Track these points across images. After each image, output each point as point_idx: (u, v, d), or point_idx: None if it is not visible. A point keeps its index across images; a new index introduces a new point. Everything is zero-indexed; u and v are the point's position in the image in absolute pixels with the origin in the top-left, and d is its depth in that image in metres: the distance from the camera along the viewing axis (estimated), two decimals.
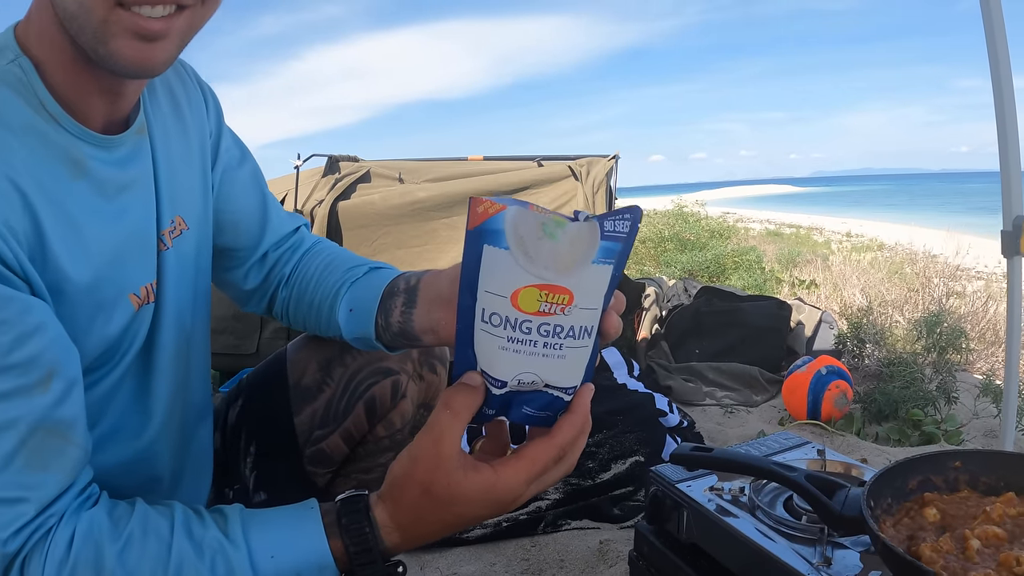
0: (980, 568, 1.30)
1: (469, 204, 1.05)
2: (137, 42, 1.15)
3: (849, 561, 1.56)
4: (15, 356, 1.07)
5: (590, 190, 5.06)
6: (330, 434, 1.76)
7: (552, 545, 2.80)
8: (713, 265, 9.90)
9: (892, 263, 12.19)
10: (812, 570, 1.55)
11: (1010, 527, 1.44)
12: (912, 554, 1.36)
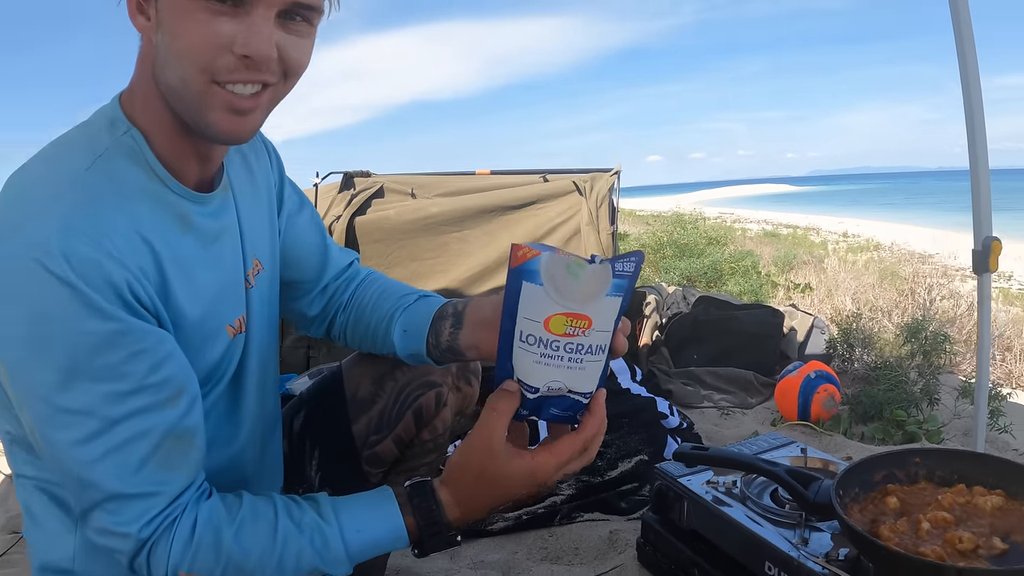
0: (928, 544, 1.61)
1: (511, 248, 1.34)
2: (230, 115, 1.36)
3: (823, 541, 1.87)
4: (152, 378, 1.32)
5: (594, 205, 5.24)
6: (383, 439, 2.00)
7: (567, 535, 3.05)
8: (711, 271, 10.03)
9: (884, 266, 12.33)
10: (792, 548, 1.85)
11: (958, 513, 1.74)
12: (873, 534, 1.67)
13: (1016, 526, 1.69)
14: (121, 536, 1.34)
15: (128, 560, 1.37)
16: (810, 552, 1.83)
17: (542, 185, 5.59)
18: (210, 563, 1.38)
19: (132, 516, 1.33)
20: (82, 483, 1.31)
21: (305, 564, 1.43)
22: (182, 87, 1.33)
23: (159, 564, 1.36)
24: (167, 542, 1.35)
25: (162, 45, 1.32)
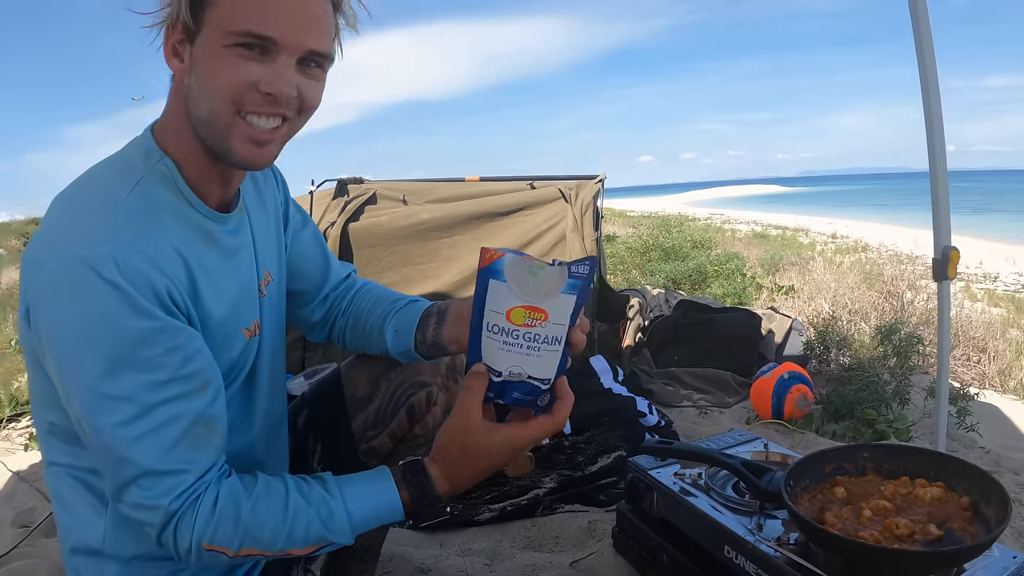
0: (868, 530, 1.79)
1: (480, 251, 1.57)
2: (251, 145, 1.58)
3: (775, 527, 2.05)
4: (184, 370, 1.52)
5: (579, 211, 5.38)
6: (379, 434, 2.19)
7: (549, 525, 3.24)
8: (695, 274, 10.17)
9: (868, 269, 12.43)
10: (748, 533, 2.04)
11: (899, 502, 1.91)
12: (819, 520, 1.85)
13: (953, 515, 1.85)
14: (152, 508, 1.50)
15: (157, 532, 1.53)
16: (764, 537, 2.00)
17: (529, 192, 5.72)
18: (230, 534, 1.54)
19: (163, 490, 1.50)
20: (121, 461, 1.47)
21: (313, 534, 1.60)
22: (211, 118, 1.55)
23: (184, 535, 1.52)
24: (192, 515, 1.52)
25: (195, 84, 1.54)
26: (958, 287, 23.54)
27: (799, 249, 23.00)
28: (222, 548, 1.55)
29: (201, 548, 1.53)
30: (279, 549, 1.59)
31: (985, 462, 4.90)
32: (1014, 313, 19.85)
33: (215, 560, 1.56)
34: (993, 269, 31.60)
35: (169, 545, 1.55)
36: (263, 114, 1.56)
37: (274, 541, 1.58)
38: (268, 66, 1.53)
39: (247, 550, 1.57)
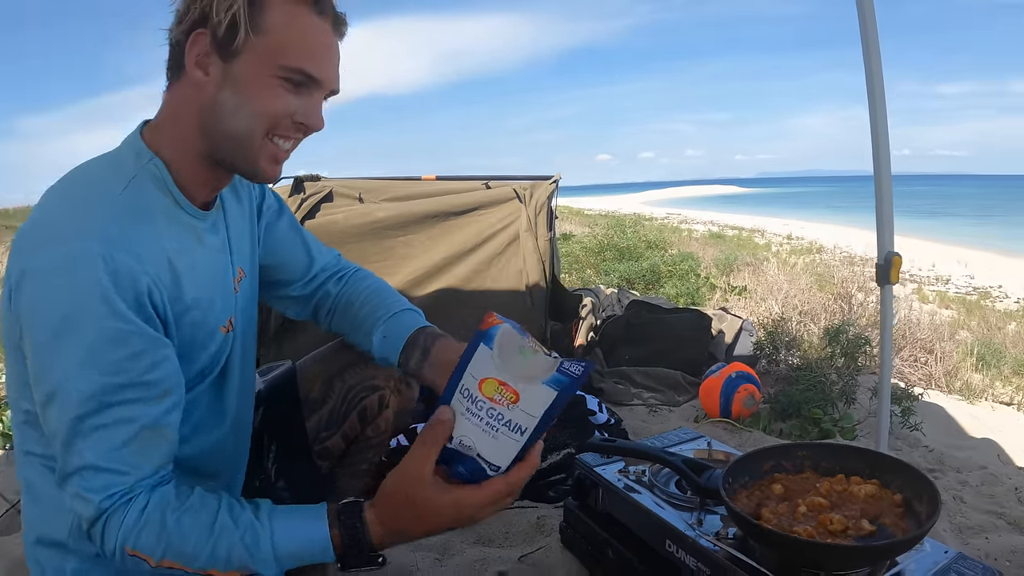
0: (802, 525, 1.85)
1: (485, 314, 1.60)
2: (272, 164, 1.74)
3: (715, 522, 2.11)
4: (147, 376, 1.55)
5: (533, 212, 5.44)
6: (332, 435, 2.22)
7: (499, 520, 3.29)
8: (649, 274, 10.25)
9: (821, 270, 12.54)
10: (688, 528, 2.09)
11: (835, 499, 1.97)
12: (756, 515, 1.91)
13: (885, 511, 1.91)
14: (86, 501, 1.52)
15: (88, 526, 1.56)
16: (703, 531, 2.06)
17: (484, 192, 5.74)
18: (152, 542, 1.54)
19: (99, 486, 1.52)
20: (69, 450, 1.52)
21: (236, 558, 1.57)
22: (245, 138, 1.68)
23: (111, 535, 1.53)
24: (120, 516, 1.53)
25: (229, 102, 1.65)
26: (910, 289, 23.86)
27: (754, 250, 23.13)
28: (144, 555, 1.55)
29: (125, 551, 1.54)
30: (200, 567, 1.57)
31: (928, 461, 4.99)
32: (964, 315, 20.14)
33: (138, 567, 1.56)
34: (946, 272, 31.97)
35: (97, 541, 1.57)
36: (288, 138, 1.74)
37: (196, 556, 1.56)
38: (304, 99, 1.69)
39: (169, 562, 1.56)
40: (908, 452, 5.17)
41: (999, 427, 7.09)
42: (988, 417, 7.44)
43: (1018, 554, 3.20)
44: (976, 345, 11.28)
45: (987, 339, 13.79)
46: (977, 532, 3.60)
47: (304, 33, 1.66)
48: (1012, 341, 15.96)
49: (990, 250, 42.81)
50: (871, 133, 3.39)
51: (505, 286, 5.57)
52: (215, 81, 1.64)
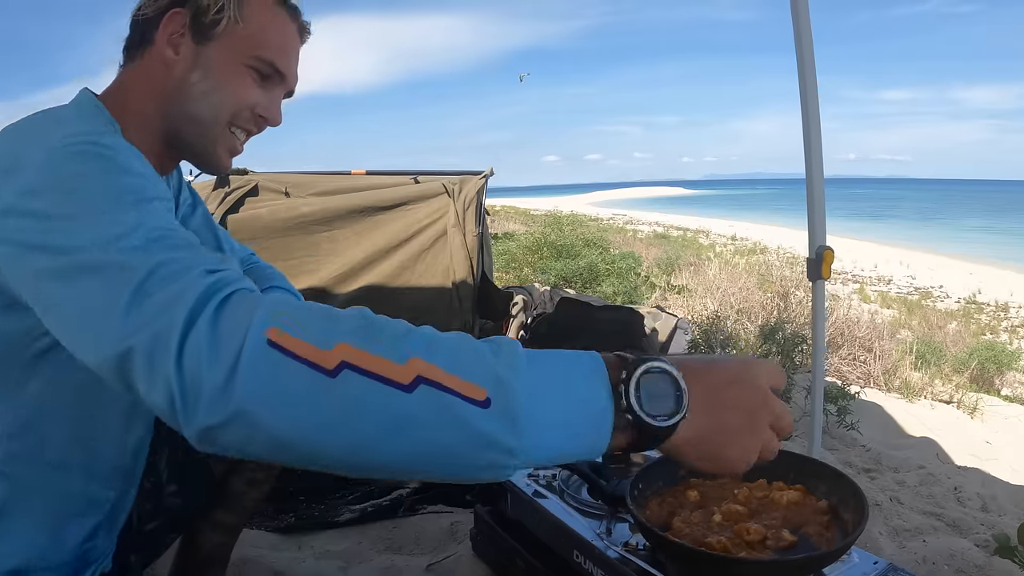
0: (717, 536, 1.70)
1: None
2: (227, 154, 1.72)
3: (624, 531, 1.96)
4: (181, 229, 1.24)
5: (461, 207, 5.34)
6: None
7: (410, 526, 3.15)
8: (587, 272, 10.17)
9: (763, 270, 12.58)
10: (596, 538, 1.94)
11: (754, 506, 1.82)
12: (668, 524, 1.75)
13: (809, 519, 1.76)
14: (183, 292, 1.06)
15: (187, 315, 1.02)
16: (612, 542, 1.91)
17: (413, 187, 5.68)
18: (316, 319, 1.05)
19: (201, 271, 1.10)
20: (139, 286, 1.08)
21: (467, 359, 1.05)
22: (208, 124, 1.65)
23: (237, 318, 1.03)
24: (248, 294, 1.08)
25: (199, 84, 1.62)
26: (852, 288, 24.16)
27: (699, 250, 23.27)
28: (301, 339, 1.01)
29: (263, 339, 1.00)
30: (411, 354, 1.03)
31: (865, 460, 4.94)
32: (906, 314, 20.40)
33: (276, 378, 0.99)
34: (888, 272, 32.47)
35: (201, 344, 1.00)
36: (245, 131, 1.73)
37: (397, 344, 1.04)
38: (268, 93, 1.71)
39: (348, 349, 1.01)
40: (845, 452, 5.12)
41: (938, 425, 7.11)
42: (927, 415, 7.46)
43: (956, 557, 3.12)
44: (916, 343, 11.35)
45: (928, 338, 13.93)
46: (914, 534, 3.54)
47: (279, 30, 1.69)
48: (952, 340, 16.20)
49: (931, 251, 43.72)
50: (803, 131, 3.32)
51: (431, 283, 5.52)
52: (185, 62, 1.62)
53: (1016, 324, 23.14)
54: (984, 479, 5.50)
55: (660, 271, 12.88)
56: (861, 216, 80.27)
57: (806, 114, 3.27)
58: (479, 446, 1.00)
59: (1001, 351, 14.35)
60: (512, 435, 1.01)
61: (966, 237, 55.70)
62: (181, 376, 0.98)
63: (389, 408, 0.99)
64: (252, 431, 0.98)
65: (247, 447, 1.00)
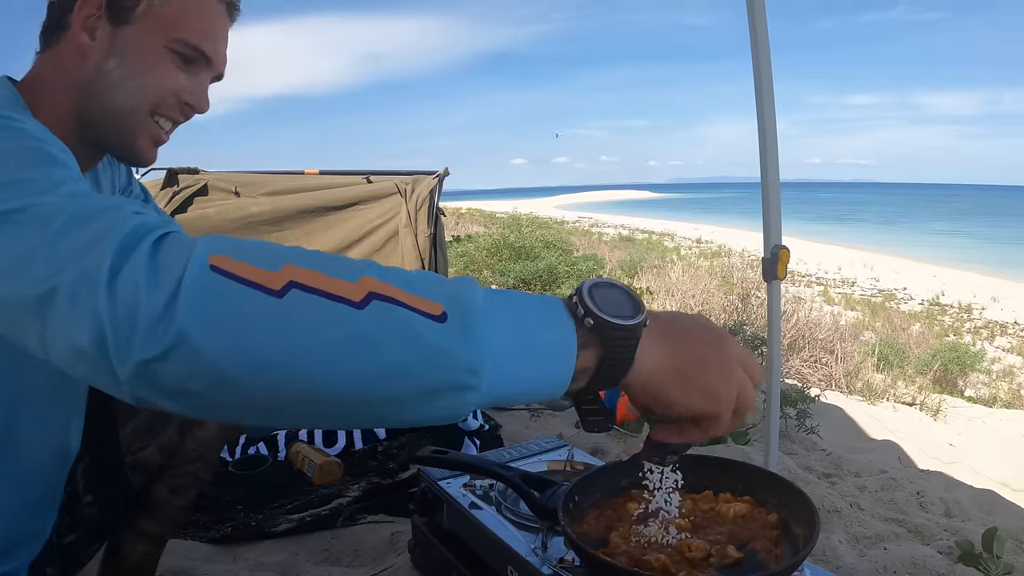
0: (656, 552, 1.58)
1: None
2: (151, 144, 1.61)
3: (560, 546, 1.85)
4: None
5: (413, 207, 5.26)
6: (148, 445, 1.97)
7: (349, 537, 3.03)
8: (546, 274, 10.05)
9: (724, 273, 12.59)
10: (530, 553, 1.83)
11: (698, 519, 1.70)
12: (603, 540, 1.64)
13: (757, 534, 1.66)
14: (115, 231, 0.95)
15: (118, 257, 0.92)
16: (547, 557, 1.81)
17: (365, 186, 5.62)
18: (256, 248, 0.98)
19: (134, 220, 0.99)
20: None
21: (430, 283, 0.99)
22: (127, 113, 1.55)
23: (176, 250, 0.94)
24: (183, 238, 0.98)
25: (115, 71, 1.52)
26: (816, 291, 24.34)
27: (663, 252, 23.37)
28: (244, 262, 0.93)
29: (205, 264, 0.92)
30: (363, 273, 0.97)
31: (826, 465, 4.89)
32: (869, 316, 20.53)
33: (220, 300, 0.91)
34: (852, 274, 32.79)
35: (138, 273, 0.91)
36: (170, 119, 1.62)
37: (345, 265, 0.97)
38: (193, 78, 1.60)
39: (296, 269, 0.94)
40: (805, 456, 5.07)
41: (900, 428, 7.10)
42: (889, 418, 7.46)
43: (919, 566, 3.06)
44: (878, 345, 11.37)
45: (891, 339, 14.00)
46: (875, 542, 3.48)
47: (204, 9, 1.59)
48: (916, 341, 16.31)
49: (895, 254, 44.27)
50: (758, 132, 3.29)
51: None
52: (101, 48, 1.51)
53: (979, 325, 23.39)
54: (947, 483, 5.47)
55: (623, 273, 12.87)
56: (826, 219, 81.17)
57: (761, 116, 3.23)
58: (437, 364, 0.93)
59: (964, 352, 14.52)
60: (470, 349, 0.94)
61: (930, 240, 56.41)
62: (114, 307, 0.89)
63: (340, 325, 0.91)
64: (194, 361, 0.88)
65: (187, 382, 0.89)
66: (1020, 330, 23.09)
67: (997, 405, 11.11)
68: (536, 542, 1.88)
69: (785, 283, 9.47)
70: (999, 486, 6.06)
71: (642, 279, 12.24)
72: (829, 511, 3.78)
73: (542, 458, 2.39)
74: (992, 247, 51.29)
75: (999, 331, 22.77)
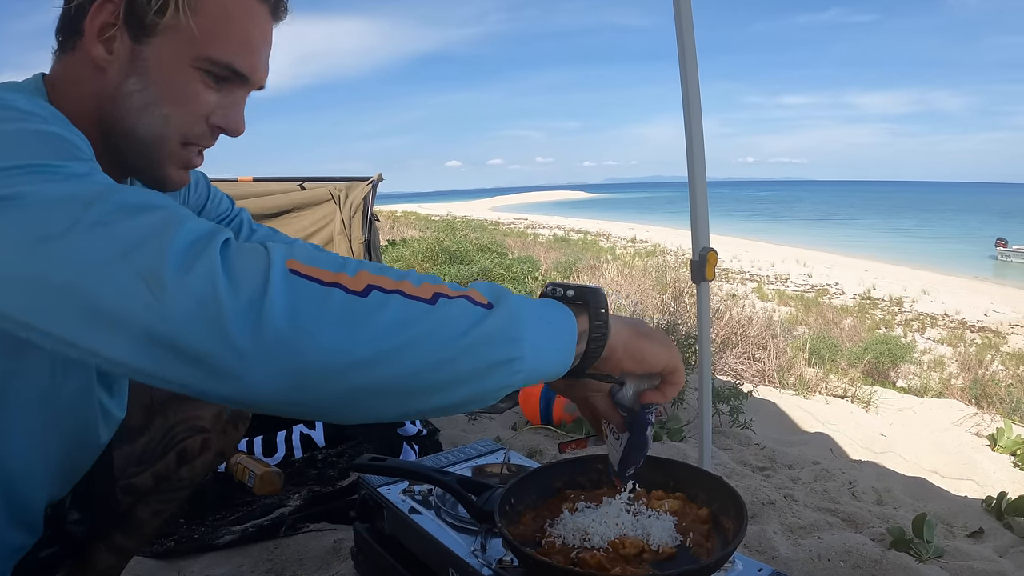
0: (590, 551, 1.62)
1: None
2: (182, 171, 1.46)
3: (499, 547, 1.89)
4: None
5: (347, 214, 5.23)
6: (142, 472, 1.96)
7: (293, 546, 3.03)
8: (481, 277, 9.97)
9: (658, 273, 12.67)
10: (470, 555, 1.87)
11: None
12: (540, 540, 1.69)
13: (690, 528, 1.70)
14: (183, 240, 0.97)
15: (213, 255, 0.96)
16: (486, 559, 1.84)
17: (299, 193, 5.57)
18: (325, 256, 1.06)
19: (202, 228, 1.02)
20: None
21: (458, 299, 1.09)
22: (157, 143, 1.39)
23: (255, 255, 1.00)
24: (261, 244, 1.03)
25: (139, 94, 1.35)
26: (750, 287, 24.58)
27: (598, 253, 23.42)
28: (319, 267, 1.01)
29: (285, 270, 0.98)
30: (421, 280, 1.09)
31: (760, 458, 4.95)
32: (802, 312, 20.76)
33: (302, 301, 0.97)
34: (785, 271, 33.11)
35: (214, 270, 0.94)
36: (205, 146, 1.48)
37: (404, 273, 1.08)
38: (225, 97, 1.43)
39: (369, 275, 1.04)
40: (739, 451, 5.14)
41: (832, 420, 7.20)
42: (821, 411, 7.55)
43: (852, 553, 3.11)
44: (810, 340, 11.51)
45: (824, 334, 14.18)
46: (809, 531, 3.54)
47: (241, 18, 1.38)
48: (848, 335, 16.55)
49: (828, 250, 44.82)
50: (685, 137, 3.29)
51: None
52: (120, 64, 1.33)
53: (910, 318, 23.75)
54: (879, 472, 5.58)
55: (559, 274, 12.90)
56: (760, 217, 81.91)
57: (688, 120, 3.25)
58: (494, 340, 1.08)
59: (895, 344, 14.77)
60: (517, 328, 1.11)
61: (862, 236, 57.12)
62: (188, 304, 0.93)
63: (421, 320, 1.03)
64: (287, 361, 0.95)
65: (280, 373, 0.96)
66: (950, 321, 23.50)
67: (928, 395, 11.30)
68: (475, 544, 1.91)
69: (719, 281, 9.62)
70: (929, 473, 6.19)
71: (578, 280, 12.28)
72: (764, 503, 3.84)
73: (479, 461, 2.43)
74: (922, 242, 52.14)
75: (929, 323, 23.16)
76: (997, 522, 4.51)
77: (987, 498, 4.89)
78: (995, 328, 22.47)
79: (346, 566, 2.78)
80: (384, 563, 2.28)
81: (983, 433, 8.15)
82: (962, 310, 24.95)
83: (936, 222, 70.90)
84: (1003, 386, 11.76)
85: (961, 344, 19.72)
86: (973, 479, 6.35)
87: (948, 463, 6.78)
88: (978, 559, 3.43)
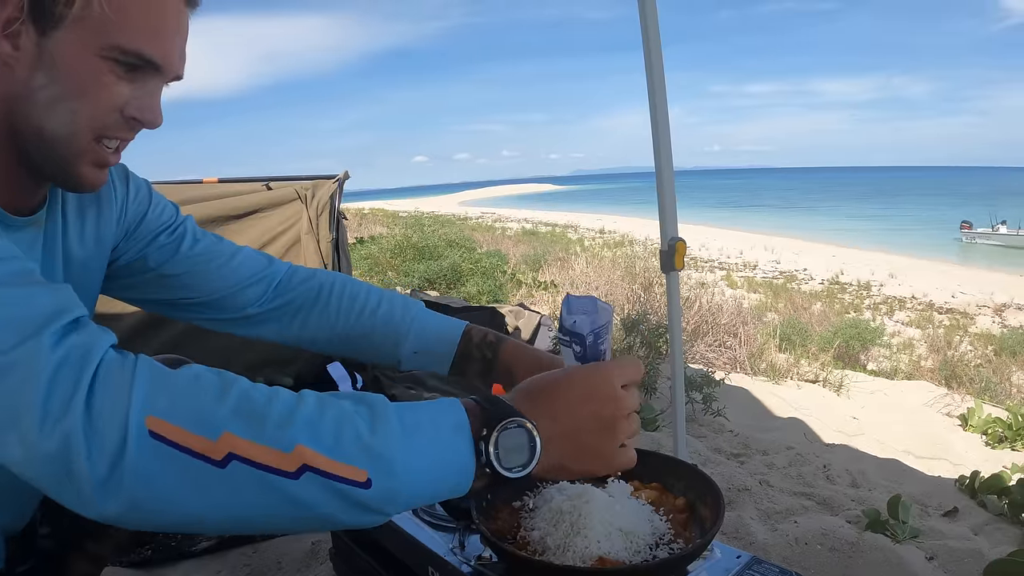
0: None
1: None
2: (96, 169, 1.38)
3: (477, 543, 1.89)
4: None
5: (314, 213, 5.18)
6: None
7: (271, 550, 3.04)
8: (450, 273, 10.10)
9: (627, 263, 12.68)
10: (449, 552, 1.86)
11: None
12: (515, 535, 1.69)
13: (667, 518, 1.73)
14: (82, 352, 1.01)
15: (61, 411, 0.96)
16: (465, 556, 1.84)
17: (265, 194, 5.46)
18: (202, 401, 1.03)
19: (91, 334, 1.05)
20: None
21: (346, 427, 1.07)
22: (66, 140, 1.32)
23: (115, 407, 0.98)
24: (123, 370, 1.02)
25: (44, 91, 1.28)
26: (719, 275, 24.67)
27: (567, 245, 23.41)
28: (182, 428, 0.99)
29: (145, 432, 0.97)
30: (296, 441, 1.03)
31: (734, 445, 4.97)
32: (772, 298, 20.85)
33: (157, 471, 0.98)
34: (753, 258, 33.25)
35: (74, 431, 0.95)
36: (120, 139, 1.39)
37: (285, 428, 1.03)
38: (139, 88, 1.35)
39: (234, 439, 1.01)
40: (713, 438, 5.15)
41: (805, 405, 7.22)
42: (794, 396, 7.58)
43: (829, 535, 3.13)
44: (781, 326, 11.57)
45: (794, 319, 14.25)
46: (786, 516, 3.56)
47: (150, 5, 1.31)
48: (818, 320, 16.63)
49: (795, 236, 45.05)
50: (651, 128, 3.29)
51: None
52: (27, 59, 1.26)
53: (878, 301, 23.93)
54: (852, 455, 5.60)
55: (527, 268, 12.90)
56: (727, 205, 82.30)
57: (654, 111, 3.25)
58: (358, 513, 1.07)
59: (865, 328, 14.88)
60: (389, 504, 1.08)
61: (828, 222, 57.50)
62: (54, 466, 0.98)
63: (277, 493, 1.02)
64: (143, 518, 1.00)
65: (126, 522, 1.01)
66: (917, 304, 23.71)
67: (899, 377, 11.41)
68: (454, 541, 1.91)
69: (688, 269, 9.64)
70: (902, 454, 6.22)
71: (547, 272, 12.25)
72: (739, 490, 3.86)
73: None
74: (889, 226, 52.51)
75: (898, 306, 23.36)
76: (971, 500, 4.55)
77: (960, 477, 4.94)
78: (962, 309, 22.70)
79: (325, 568, 2.78)
80: (363, 564, 2.27)
81: (954, 413, 8.22)
82: (929, 292, 25.20)
83: (902, 206, 71.56)
84: (972, 366, 11.85)
85: (929, 326, 19.91)
86: (946, 459, 6.40)
87: (921, 444, 6.82)
88: (954, 538, 3.46)
